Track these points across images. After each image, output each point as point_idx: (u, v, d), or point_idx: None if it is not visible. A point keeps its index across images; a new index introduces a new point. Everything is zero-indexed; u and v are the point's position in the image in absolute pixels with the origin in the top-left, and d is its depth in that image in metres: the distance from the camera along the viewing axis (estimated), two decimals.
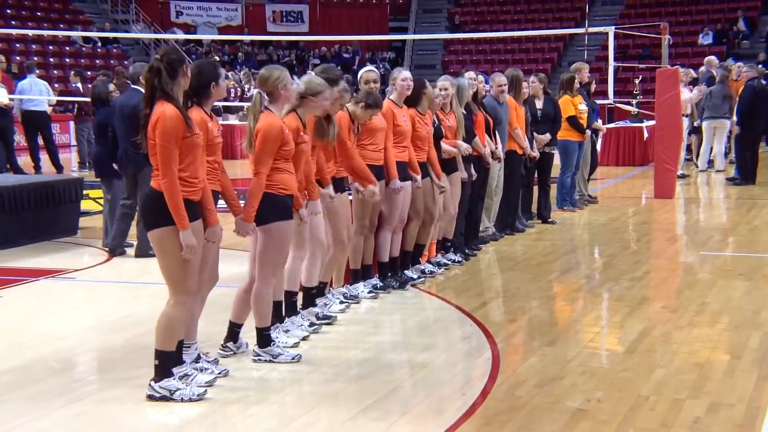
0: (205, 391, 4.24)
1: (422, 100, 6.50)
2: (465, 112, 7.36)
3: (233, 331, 4.88)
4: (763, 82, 13.33)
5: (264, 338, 4.79)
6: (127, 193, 7.85)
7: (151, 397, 4.17)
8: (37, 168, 13.95)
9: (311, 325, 5.36)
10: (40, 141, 14.20)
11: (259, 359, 4.76)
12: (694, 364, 4.74)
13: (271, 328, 4.94)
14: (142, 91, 7.61)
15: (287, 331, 5.13)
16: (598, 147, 12.79)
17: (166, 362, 4.19)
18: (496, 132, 8.09)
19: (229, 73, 23.25)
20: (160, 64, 4.09)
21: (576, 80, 9.96)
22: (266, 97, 4.66)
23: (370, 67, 6.25)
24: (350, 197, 6.04)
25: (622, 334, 5.39)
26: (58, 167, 13.96)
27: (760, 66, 14.84)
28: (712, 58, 15.75)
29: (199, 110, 4.33)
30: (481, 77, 7.99)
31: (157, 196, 4.06)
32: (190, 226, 4.06)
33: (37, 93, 14.33)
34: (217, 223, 4.29)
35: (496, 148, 8.01)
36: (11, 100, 13.83)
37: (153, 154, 4.09)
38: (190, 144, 4.08)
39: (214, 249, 4.47)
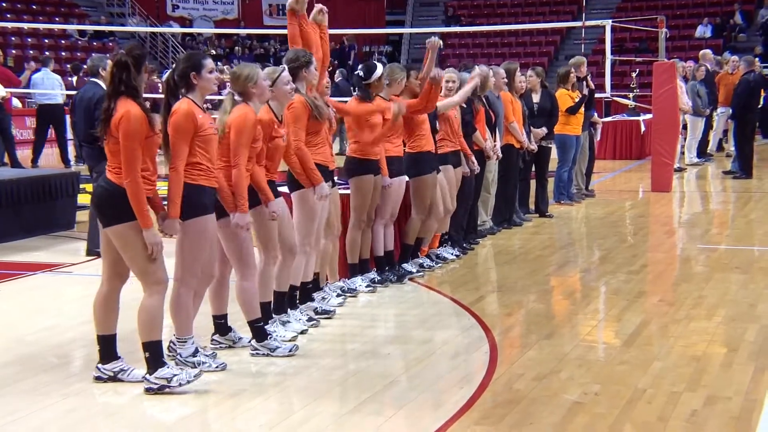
0: (201, 372, 4.26)
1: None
2: (465, 106, 7.36)
3: (217, 324, 4.90)
4: (760, 67, 13.32)
5: (258, 332, 4.79)
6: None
7: (149, 390, 4.17)
8: (34, 162, 13.92)
9: (309, 319, 5.36)
10: (49, 135, 14.20)
11: (257, 353, 4.77)
12: (691, 357, 4.75)
13: (269, 321, 4.94)
14: (100, 84, 7.63)
15: (285, 323, 5.14)
16: (598, 138, 12.79)
17: (157, 352, 4.21)
18: (496, 127, 8.09)
19: (225, 67, 23.21)
20: (128, 58, 4.08)
21: (572, 74, 9.94)
22: (238, 97, 4.64)
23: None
24: (347, 191, 6.04)
25: (619, 327, 5.40)
26: (66, 162, 14.00)
27: (756, 59, 14.84)
28: (707, 51, 15.76)
29: (189, 101, 4.32)
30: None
31: (115, 190, 4.06)
32: (153, 224, 4.07)
33: (50, 87, 14.32)
34: (177, 216, 4.23)
35: (495, 145, 8.01)
36: (13, 94, 13.80)
37: (112, 150, 4.08)
38: (151, 143, 4.10)
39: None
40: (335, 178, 5.72)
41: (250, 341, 4.84)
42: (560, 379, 4.40)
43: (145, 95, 4.24)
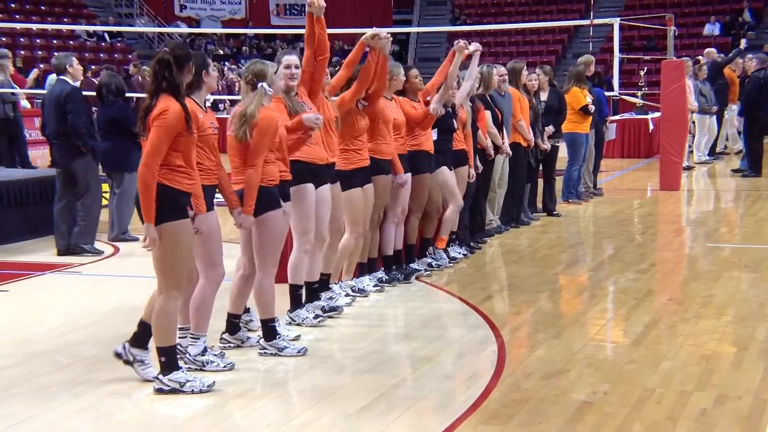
0: (214, 382, 4.25)
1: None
2: (471, 104, 7.34)
3: (231, 323, 4.90)
4: None
5: (269, 331, 4.80)
6: (59, 191, 7.67)
7: (160, 391, 4.17)
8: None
9: (316, 317, 5.36)
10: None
11: (265, 352, 4.77)
12: (701, 356, 4.73)
13: (276, 321, 4.95)
14: (68, 81, 7.63)
15: (290, 323, 5.14)
16: (613, 135, 12.79)
17: (172, 356, 4.21)
18: (504, 125, 8.08)
19: (233, 67, 23.22)
20: (170, 56, 4.10)
21: (583, 71, 9.94)
22: (269, 90, 4.66)
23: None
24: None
25: (627, 326, 5.38)
26: None
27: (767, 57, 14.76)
28: (711, 50, 15.70)
29: (190, 101, 4.33)
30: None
31: (159, 189, 4.06)
32: (153, 220, 4.05)
33: None
34: (205, 212, 4.29)
35: (504, 143, 8.00)
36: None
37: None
38: (187, 141, 4.11)
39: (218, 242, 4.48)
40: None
41: (258, 341, 4.84)
42: (569, 379, 4.38)
43: (140, 95, 4.29)
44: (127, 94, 9.85)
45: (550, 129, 9.24)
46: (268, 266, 4.74)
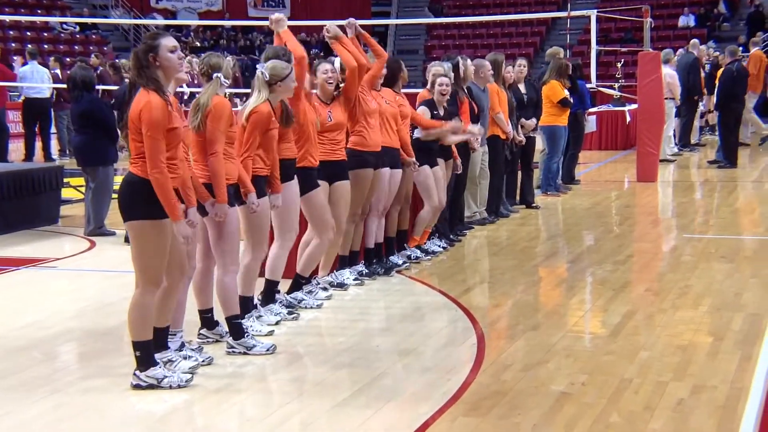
0: (192, 376, 4.22)
1: (398, 81, 6.53)
2: (449, 98, 7.34)
3: (204, 318, 4.86)
4: (744, 64, 13.44)
5: (235, 328, 4.71)
6: None
7: (137, 387, 4.14)
8: (29, 157, 13.81)
9: (290, 312, 5.33)
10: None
11: (233, 351, 4.68)
12: (677, 346, 4.77)
13: (245, 316, 4.90)
14: None
15: (260, 317, 5.12)
16: (594, 127, 12.85)
17: (147, 351, 4.16)
18: (479, 119, 8.08)
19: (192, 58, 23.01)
20: (140, 48, 4.06)
21: (566, 65, 9.99)
22: (225, 81, 4.60)
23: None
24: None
25: (605, 317, 5.41)
26: (47, 157, 13.94)
27: (740, 48, 14.90)
28: (695, 41, 15.83)
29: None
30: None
31: (138, 182, 4.01)
32: (183, 216, 4.02)
33: (39, 80, 14.17)
34: (195, 204, 4.23)
35: (477, 138, 8.00)
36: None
37: (134, 139, 4.03)
38: (175, 134, 4.04)
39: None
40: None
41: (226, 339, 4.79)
42: (547, 370, 4.41)
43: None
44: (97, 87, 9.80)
45: (532, 122, 9.26)
46: (227, 264, 4.66)
